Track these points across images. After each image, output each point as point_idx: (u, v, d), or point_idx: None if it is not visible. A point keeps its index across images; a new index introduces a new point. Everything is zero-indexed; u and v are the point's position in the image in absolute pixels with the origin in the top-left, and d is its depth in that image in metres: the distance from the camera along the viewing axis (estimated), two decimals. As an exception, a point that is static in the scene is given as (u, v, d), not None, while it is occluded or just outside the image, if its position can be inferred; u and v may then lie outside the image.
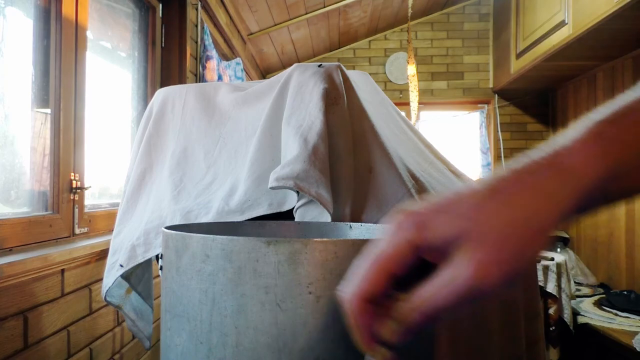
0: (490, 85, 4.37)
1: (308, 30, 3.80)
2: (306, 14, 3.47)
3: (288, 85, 0.86)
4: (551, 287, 2.56)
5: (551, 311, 2.57)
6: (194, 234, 0.47)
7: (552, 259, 2.66)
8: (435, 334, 0.52)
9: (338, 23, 3.88)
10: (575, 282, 3.06)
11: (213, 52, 2.54)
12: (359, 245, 0.44)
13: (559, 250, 3.59)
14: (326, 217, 0.69)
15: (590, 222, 3.54)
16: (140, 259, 0.85)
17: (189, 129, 0.95)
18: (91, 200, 1.60)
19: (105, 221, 1.60)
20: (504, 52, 3.95)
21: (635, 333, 2.30)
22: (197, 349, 0.45)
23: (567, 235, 3.87)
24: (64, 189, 1.38)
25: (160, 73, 2.20)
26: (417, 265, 0.33)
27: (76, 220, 1.43)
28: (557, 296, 2.58)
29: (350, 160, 0.78)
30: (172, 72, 2.22)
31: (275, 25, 3.52)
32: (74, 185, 1.41)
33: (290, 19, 3.48)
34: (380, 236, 0.34)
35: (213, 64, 2.53)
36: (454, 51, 4.42)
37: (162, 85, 2.16)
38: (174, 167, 0.92)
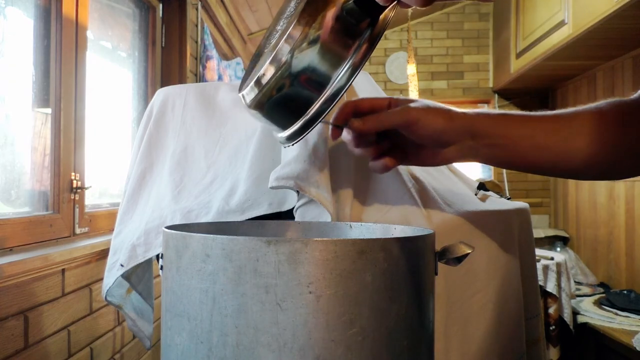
0: (490, 85, 4.37)
1: (308, 30, 3.79)
2: (306, 13, 3.47)
3: (288, 85, 0.86)
4: (551, 287, 2.57)
5: (551, 310, 2.57)
6: (195, 234, 0.47)
7: (552, 259, 2.67)
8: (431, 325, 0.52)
9: (338, 23, 3.87)
10: (575, 282, 3.06)
11: (213, 52, 2.54)
12: (359, 245, 0.44)
13: (558, 249, 3.59)
14: (326, 217, 0.69)
15: (590, 221, 3.54)
16: (141, 259, 0.85)
17: (189, 128, 0.95)
18: (91, 200, 1.60)
19: (105, 221, 1.61)
20: (504, 52, 3.95)
21: (635, 332, 2.30)
22: (198, 349, 0.46)
23: (566, 235, 3.87)
24: (65, 189, 1.38)
25: (160, 73, 2.20)
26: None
27: (77, 220, 1.43)
28: (557, 295, 2.58)
29: (351, 159, 0.79)
30: (172, 72, 2.22)
31: (275, 25, 3.51)
32: (74, 185, 1.41)
33: (290, 19, 3.48)
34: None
35: (213, 64, 2.53)
36: (454, 51, 4.42)
37: (163, 85, 2.16)
38: (174, 167, 0.92)
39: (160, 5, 2.20)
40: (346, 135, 0.65)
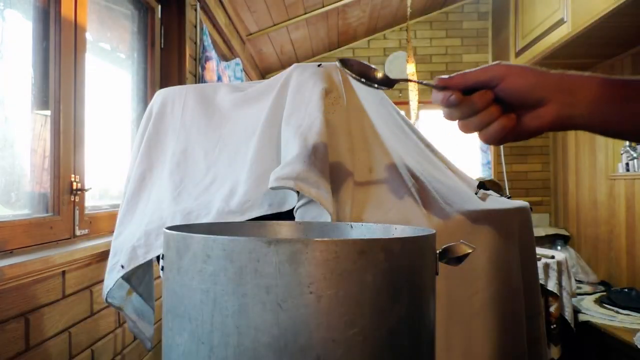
0: (490, 84, 4.36)
1: (307, 30, 3.80)
2: (305, 14, 3.47)
3: (287, 85, 0.86)
4: (552, 285, 2.57)
5: (552, 309, 2.57)
6: (195, 235, 0.47)
7: (553, 257, 2.66)
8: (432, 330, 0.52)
9: (337, 23, 3.87)
10: (576, 280, 3.06)
11: (212, 53, 2.54)
12: (360, 245, 0.44)
13: (559, 248, 3.59)
14: (326, 217, 0.69)
15: (591, 219, 3.54)
16: (141, 260, 0.86)
17: (189, 129, 0.95)
18: (91, 201, 1.60)
19: (105, 222, 1.61)
20: (503, 51, 3.95)
21: (636, 330, 2.30)
22: (199, 349, 0.45)
23: (567, 233, 3.87)
24: (65, 191, 1.38)
25: (159, 74, 2.20)
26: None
27: (77, 222, 1.43)
28: (558, 294, 2.58)
29: (350, 160, 0.79)
30: (171, 73, 2.22)
31: (274, 25, 3.52)
32: (74, 187, 1.41)
33: (289, 19, 3.48)
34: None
35: (212, 65, 2.53)
36: (453, 50, 4.42)
37: (162, 86, 2.16)
38: (174, 168, 0.92)
39: (159, 7, 2.20)
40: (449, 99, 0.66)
